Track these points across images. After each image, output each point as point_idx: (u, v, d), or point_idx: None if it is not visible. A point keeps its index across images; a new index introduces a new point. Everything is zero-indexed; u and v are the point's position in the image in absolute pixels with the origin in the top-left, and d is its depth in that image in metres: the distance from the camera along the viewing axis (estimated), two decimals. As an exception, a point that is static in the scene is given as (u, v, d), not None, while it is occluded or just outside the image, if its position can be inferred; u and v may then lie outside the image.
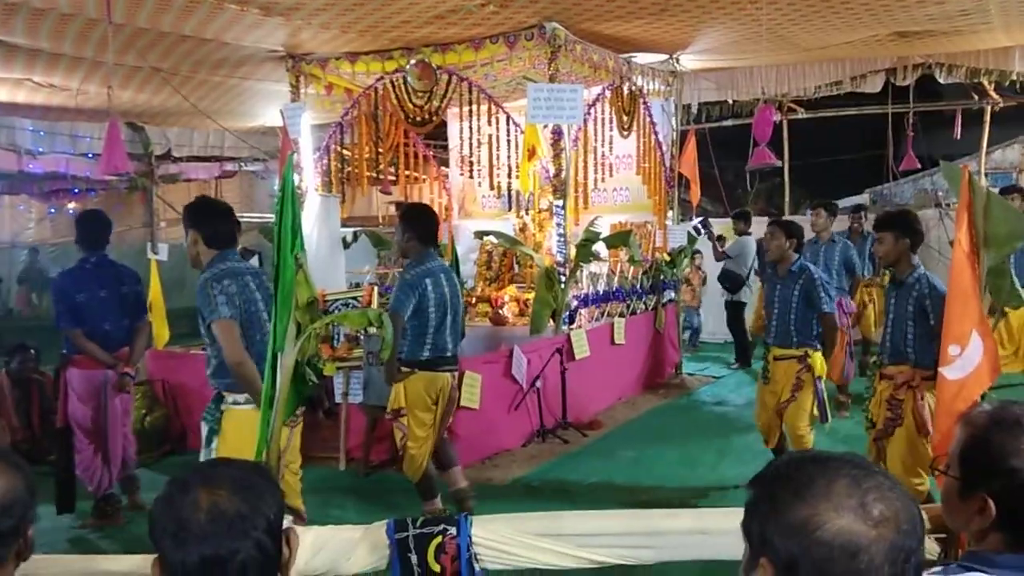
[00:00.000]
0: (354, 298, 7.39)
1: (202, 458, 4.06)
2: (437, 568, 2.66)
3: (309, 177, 9.40)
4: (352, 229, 10.25)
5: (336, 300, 7.26)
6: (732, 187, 14.99)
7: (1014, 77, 10.81)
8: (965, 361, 3.18)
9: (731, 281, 10.19)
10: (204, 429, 4.01)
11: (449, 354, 5.42)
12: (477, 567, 2.70)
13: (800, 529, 1.12)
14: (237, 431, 3.80)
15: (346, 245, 9.32)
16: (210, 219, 4.18)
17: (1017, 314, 6.74)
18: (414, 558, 2.65)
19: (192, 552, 1.39)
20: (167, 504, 1.44)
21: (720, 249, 10.27)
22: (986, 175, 13.53)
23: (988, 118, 12.84)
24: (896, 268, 4.98)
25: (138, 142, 12.13)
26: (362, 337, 6.91)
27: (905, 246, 4.90)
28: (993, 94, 12.35)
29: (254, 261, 9.36)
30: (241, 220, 9.49)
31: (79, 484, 5.70)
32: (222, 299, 3.87)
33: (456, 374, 5.57)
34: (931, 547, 2.41)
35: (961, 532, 1.69)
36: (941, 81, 11.20)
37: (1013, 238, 3.31)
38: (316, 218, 8.84)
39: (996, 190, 12.35)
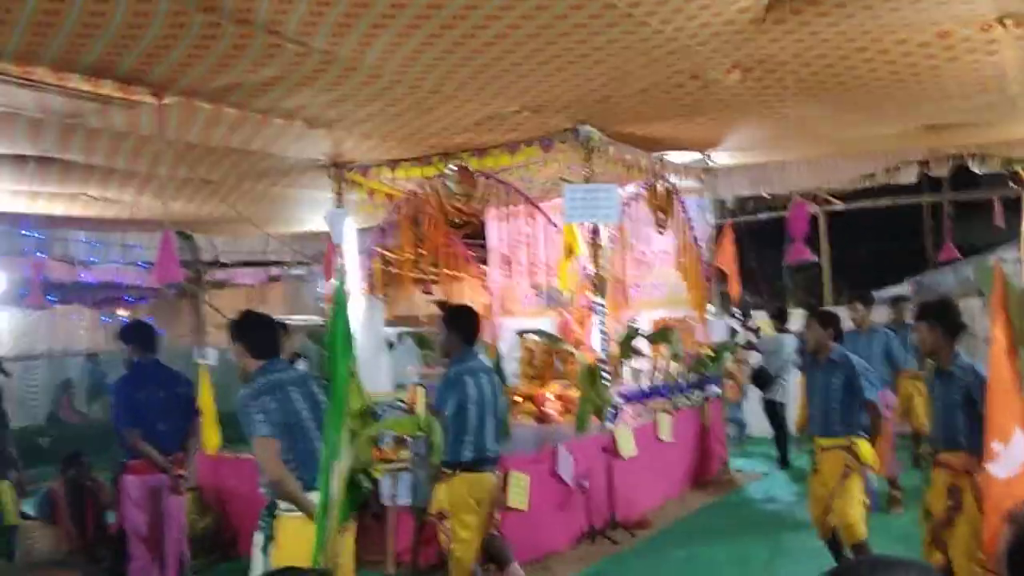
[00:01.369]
0: (400, 400, 7.49)
1: (256, 565, 4.11)
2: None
3: (354, 280, 9.62)
4: (396, 330, 10.41)
5: (381, 402, 7.35)
6: (771, 279, 14.98)
7: (1050, 164, 10.85)
8: (1009, 458, 3.17)
9: (761, 378, 10.17)
10: (259, 537, 4.06)
11: (491, 454, 5.46)
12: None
13: None
14: (292, 539, 3.85)
15: (391, 346, 9.47)
16: (253, 330, 4.33)
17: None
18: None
19: None
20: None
21: (753, 341, 10.28)
22: (1026, 262, 13.40)
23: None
24: (938, 358, 4.98)
25: (187, 250, 12.54)
26: (409, 439, 6.97)
27: (940, 334, 4.90)
28: (1031, 181, 12.33)
29: (302, 364, 9.53)
30: (288, 323, 9.72)
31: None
32: (260, 417, 3.98)
33: (499, 474, 5.60)
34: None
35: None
36: (975, 171, 11.25)
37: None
38: (361, 319, 9.02)
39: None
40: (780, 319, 10.37)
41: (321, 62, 5.85)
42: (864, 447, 5.66)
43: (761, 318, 11.12)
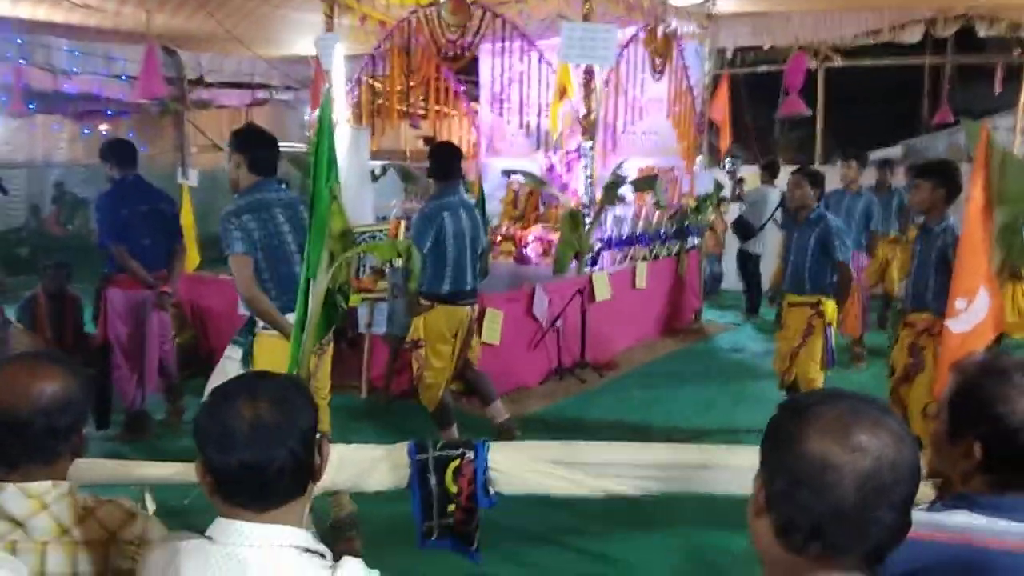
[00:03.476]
0: (381, 231, 7.52)
1: (223, 374, 4.22)
2: (454, 489, 2.81)
3: (340, 108, 9.45)
4: (381, 163, 10.32)
5: (363, 233, 7.37)
6: (764, 134, 14.84)
7: (1056, 32, 10.62)
8: (971, 315, 3.26)
9: (743, 228, 10.17)
10: (236, 352, 4.16)
11: (468, 288, 5.56)
12: (492, 491, 2.85)
13: (786, 443, 1.24)
14: (268, 356, 3.96)
15: (374, 178, 9.40)
16: (257, 145, 4.31)
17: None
18: (433, 479, 2.80)
19: (233, 458, 1.52)
20: (212, 413, 1.57)
21: (737, 192, 10.28)
22: (1023, 132, 13.33)
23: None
24: (928, 216, 5.05)
25: (172, 67, 12.20)
26: (387, 269, 7.06)
27: (941, 196, 4.95)
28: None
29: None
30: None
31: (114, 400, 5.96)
32: (237, 234, 4.01)
33: (475, 308, 5.72)
34: (928, 492, 2.53)
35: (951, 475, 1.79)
36: (981, 34, 11.00)
37: (1024, 196, 3.35)
38: (346, 150, 8.90)
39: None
40: (770, 172, 10.30)
41: None
42: (829, 306, 5.78)
43: (750, 171, 11.08)
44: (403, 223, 7.52)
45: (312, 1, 9.23)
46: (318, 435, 1.63)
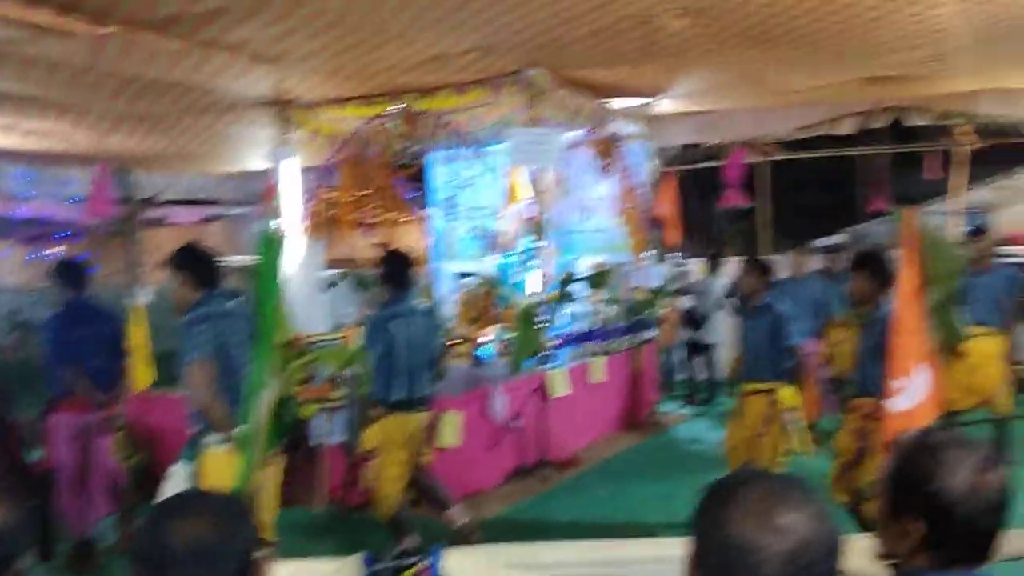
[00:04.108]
0: (335, 339, 7.49)
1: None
2: (410, 598, 2.74)
3: (295, 221, 9.52)
4: (336, 271, 10.36)
5: (317, 342, 7.35)
6: (710, 227, 15.18)
7: (981, 120, 11.09)
8: (911, 393, 3.31)
9: (690, 319, 10.49)
10: (182, 468, 4.08)
11: (422, 395, 5.54)
12: (449, 597, 2.79)
13: (713, 527, 1.25)
14: (215, 471, 3.88)
15: (329, 287, 9.42)
16: (196, 261, 4.31)
17: (973, 350, 6.90)
18: (388, 588, 2.73)
19: None
20: (147, 532, 1.53)
21: (682, 285, 10.55)
22: (959, 215, 13.76)
23: (960, 159, 13.08)
24: (866, 305, 5.14)
25: (124, 186, 12.26)
26: (342, 376, 7.00)
27: (876, 285, 5.06)
28: (964, 135, 12.57)
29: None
30: (226, 264, 9.53)
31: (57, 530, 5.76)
32: (199, 341, 3.99)
33: (429, 415, 5.68)
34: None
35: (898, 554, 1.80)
36: (911, 125, 11.46)
37: (954, 276, 3.46)
38: (300, 262, 8.95)
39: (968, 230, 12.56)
40: (713, 263, 10.67)
41: (263, -7, 5.73)
42: (787, 393, 5.83)
43: (695, 263, 11.37)
44: (357, 329, 7.49)
45: (264, 117, 9.39)
46: (262, 552, 1.59)
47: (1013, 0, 6.49)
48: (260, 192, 11.55)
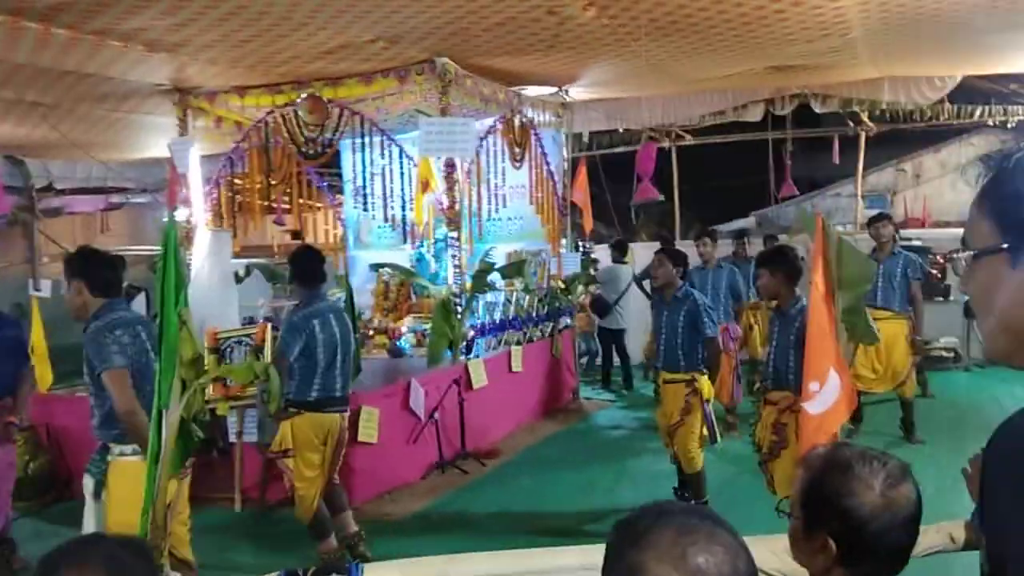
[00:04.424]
0: (247, 335, 7.31)
1: (88, 511, 3.98)
2: (328, 617, 2.69)
3: (199, 212, 9.25)
4: (245, 261, 10.12)
5: (228, 338, 7.16)
6: (624, 212, 15.35)
7: (884, 106, 11.46)
8: (824, 396, 3.40)
9: (598, 306, 10.61)
10: (89, 482, 3.92)
11: (338, 395, 5.46)
12: (368, 614, 2.74)
13: (627, 573, 1.24)
14: (125, 484, 3.74)
15: (239, 279, 9.16)
16: (96, 267, 4.12)
17: (884, 335, 7.15)
18: (305, 608, 2.67)
19: None
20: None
21: (592, 271, 10.66)
22: (863, 197, 14.24)
23: (863, 143, 13.51)
24: (778, 300, 5.23)
25: (18, 176, 11.74)
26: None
27: (783, 280, 5.15)
28: (867, 121, 12.99)
29: (140, 298, 9.16)
30: (128, 253, 9.27)
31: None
32: (115, 348, 3.82)
33: (346, 414, 5.60)
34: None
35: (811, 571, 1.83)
36: (816, 111, 11.77)
37: (863, 280, 3.55)
38: (207, 254, 8.68)
39: (872, 212, 13.04)
40: (620, 251, 10.80)
41: (158, -18, 5.51)
42: (704, 382, 5.93)
43: (601, 249, 11.52)
44: (269, 327, 7.33)
45: (164, 105, 9.09)
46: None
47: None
48: (163, 180, 11.21)
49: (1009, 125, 12.26)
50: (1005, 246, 1.24)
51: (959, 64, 10.29)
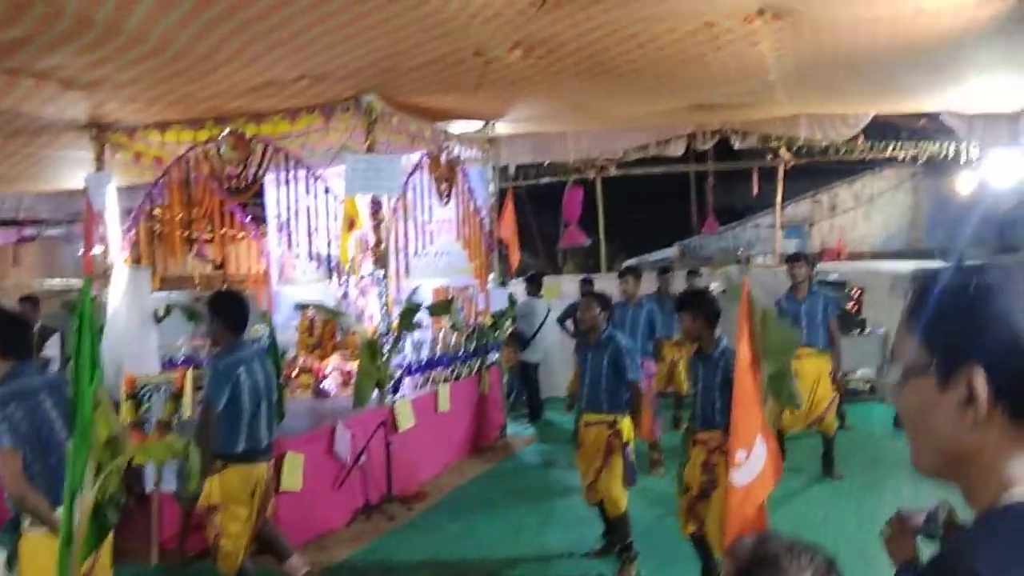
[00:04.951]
0: (167, 381, 7.12)
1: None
2: None
3: (116, 248, 9.00)
4: (166, 295, 9.88)
5: (147, 385, 6.98)
6: (551, 241, 15.46)
7: (801, 141, 11.79)
8: (751, 466, 3.44)
9: (517, 340, 10.71)
10: (1, 554, 3.74)
11: (265, 444, 5.33)
12: None
13: None
14: (35, 558, 3.57)
15: (158, 319, 8.94)
16: (2, 327, 3.91)
17: (802, 372, 7.30)
18: None
19: None
20: None
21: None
22: (782, 227, 14.60)
23: (781, 176, 13.87)
24: (700, 342, 5.31)
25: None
26: (175, 422, 6.67)
27: (703, 323, 5.23)
28: (784, 154, 13.34)
29: (53, 341, 8.85)
30: (43, 288, 8.92)
31: None
32: (4, 427, 3.60)
33: (271, 463, 5.48)
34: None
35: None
36: (736, 146, 12.05)
37: (787, 350, 3.62)
38: (125, 292, 8.45)
39: (791, 243, 13.33)
40: (534, 284, 10.94)
41: (76, 24, 5.36)
42: (626, 425, 5.96)
43: (517, 284, 11.63)
44: (190, 372, 7.15)
45: (81, 140, 8.83)
46: None
47: (819, 36, 6.90)
48: (78, 212, 10.88)
49: (919, 161, 12.76)
50: (933, 368, 1.24)
51: (871, 103, 10.66)
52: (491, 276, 10.40)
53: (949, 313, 1.24)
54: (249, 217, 10.85)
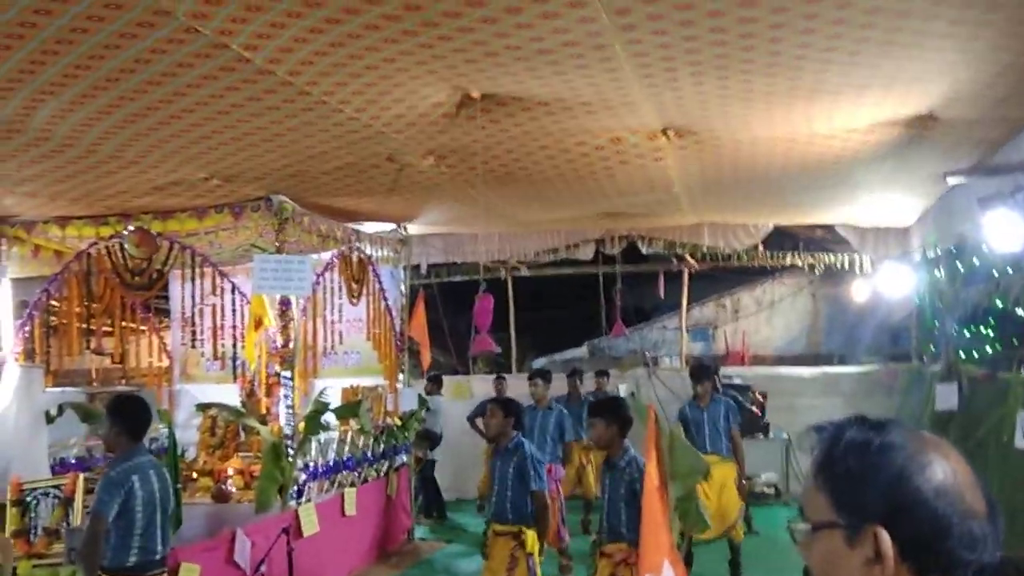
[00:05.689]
0: (56, 486, 6.78)
1: None
2: None
3: (8, 345, 8.63)
4: (60, 391, 9.47)
5: (35, 490, 6.63)
6: (463, 338, 15.45)
7: (705, 249, 12.19)
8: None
9: (429, 438, 10.70)
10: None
11: (159, 557, 5.09)
12: None
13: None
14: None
15: (50, 419, 8.52)
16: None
17: (713, 480, 7.39)
18: None
19: None
20: None
21: None
22: (687, 331, 14.92)
23: (686, 280, 14.23)
24: (609, 451, 5.33)
25: None
26: (63, 530, 6.34)
27: (615, 431, 5.26)
28: (690, 259, 13.73)
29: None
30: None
31: None
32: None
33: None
34: None
35: None
36: (643, 252, 12.39)
37: (695, 472, 3.68)
38: (15, 391, 8.08)
39: (696, 345, 13.60)
40: (435, 383, 11.01)
41: (-26, 121, 5.25)
42: (531, 536, 5.89)
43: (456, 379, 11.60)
44: (82, 478, 6.82)
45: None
46: None
47: (721, 154, 7.23)
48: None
49: (816, 271, 13.31)
50: (840, 526, 1.27)
51: (770, 215, 11.15)
52: (401, 376, 10.32)
53: (854, 472, 1.27)
54: (151, 311, 10.59)
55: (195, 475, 8.63)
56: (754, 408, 11.07)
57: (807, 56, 4.88)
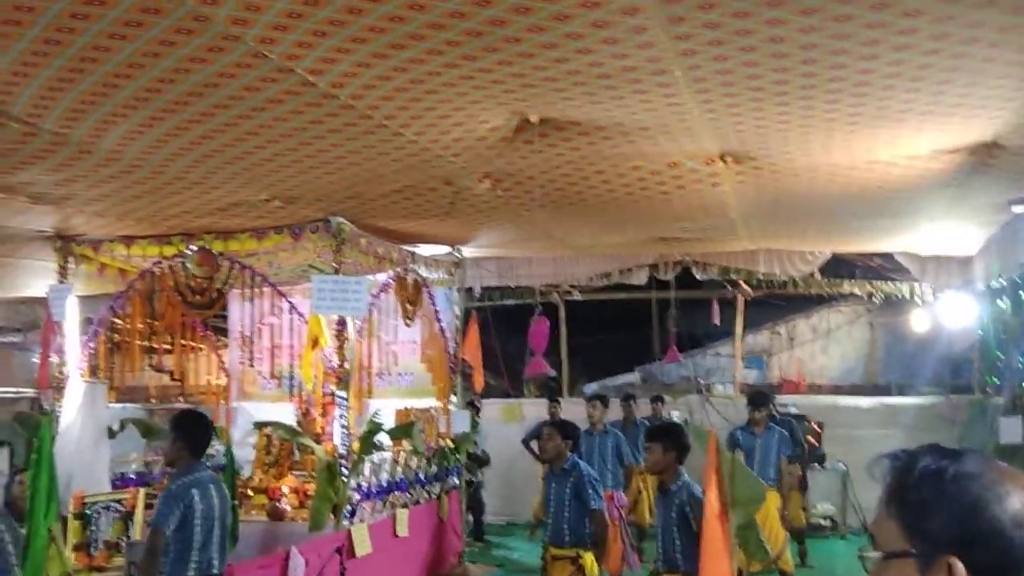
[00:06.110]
0: (117, 500, 6.93)
1: None
2: None
3: (74, 361, 8.85)
4: (121, 406, 9.68)
5: (96, 503, 6.78)
6: (515, 361, 15.47)
7: (760, 276, 12.07)
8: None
9: (479, 460, 10.67)
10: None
11: (216, 572, 5.16)
12: None
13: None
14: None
15: (112, 435, 8.73)
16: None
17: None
18: None
19: None
20: None
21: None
22: (741, 358, 14.75)
23: (741, 306, 14.09)
24: (663, 476, 5.29)
25: None
26: (123, 543, 6.47)
27: (672, 457, 5.21)
28: (744, 286, 13.60)
29: (3, 453, 8.61)
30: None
31: None
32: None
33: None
34: None
35: None
36: (698, 277, 12.30)
37: (755, 500, 3.64)
38: (79, 406, 8.28)
39: (751, 373, 13.42)
40: (471, 409, 11.07)
41: (50, 143, 5.44)
42: (589, 560, 5.87)
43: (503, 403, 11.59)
44: (142, 493, 6.96)
45: (44, 250, 8.80)
46: None
47: (779, 180, 7.17)
48: (35, 320, 10.74)
49: (874, 299, 13.09)
50: (914, 552, 1.26)
51: (828, 242, 11.00)
52: (454, 398, 10.35)
53: (928, 501, 1.27)
54: (210, 329, 10.78)
55: (250, 492, 8.72)
56: (811, 438, 10.88)
57: (869, 83, 4.84)
